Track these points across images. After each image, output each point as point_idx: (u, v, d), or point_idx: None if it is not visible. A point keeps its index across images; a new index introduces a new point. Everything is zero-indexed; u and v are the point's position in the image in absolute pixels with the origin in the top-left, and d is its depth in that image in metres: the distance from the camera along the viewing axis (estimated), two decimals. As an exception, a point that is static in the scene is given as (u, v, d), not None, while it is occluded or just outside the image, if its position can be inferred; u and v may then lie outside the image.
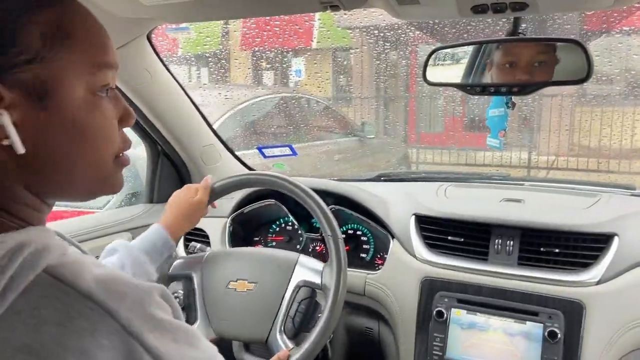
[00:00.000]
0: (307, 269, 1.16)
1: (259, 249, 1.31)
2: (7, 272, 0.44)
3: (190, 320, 1.19)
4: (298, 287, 1.14)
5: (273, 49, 7.32)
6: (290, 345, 1.09)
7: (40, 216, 0.56)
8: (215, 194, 1.25)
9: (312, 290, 1.14)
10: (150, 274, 1.04)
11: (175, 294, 1.21)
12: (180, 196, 1.20)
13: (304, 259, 1.19)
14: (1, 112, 0.48)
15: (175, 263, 1.24)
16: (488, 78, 1.17)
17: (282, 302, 1.13)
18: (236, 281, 1.18)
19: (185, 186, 1.23)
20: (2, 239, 0.46)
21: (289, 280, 1.15)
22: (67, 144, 0.53)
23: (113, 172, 0.58)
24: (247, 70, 7.58)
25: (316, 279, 1.14)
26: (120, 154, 0.59)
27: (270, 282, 1.16)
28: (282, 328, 1.12)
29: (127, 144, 0.60)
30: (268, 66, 7.61)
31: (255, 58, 7.52)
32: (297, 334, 1.12)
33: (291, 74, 7.61)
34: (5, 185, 0.51)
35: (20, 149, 0.49)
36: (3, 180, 0.51)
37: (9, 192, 0.52)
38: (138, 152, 1.82)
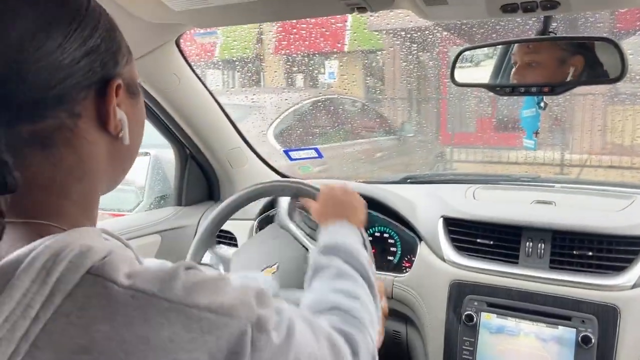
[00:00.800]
0: None
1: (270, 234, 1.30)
2: (53, 274, 0.45)
3: None
4: (292, 218, 1.21)
5: (306, 53, 7.42)
6: None
7: (92, 215, 0.58)
8: (212, 231, 1.23)
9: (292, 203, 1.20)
10: None
11: None
12: None
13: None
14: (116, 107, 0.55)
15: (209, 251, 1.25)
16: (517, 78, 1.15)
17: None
18: (262, 271, 1.18)
19: None
20: (47, 242, 0.47)
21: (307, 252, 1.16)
22: (139, 138, 0.62)
23: None
24: (282, 74, 7.71)
25: None
26: None
27: (288, 256, 1.17)
28: (314, 243, 1.14)
29: None
30: (302, 70, 7.73)
31: (289, 62, 7.64)
32: None
33: (323, 77, 7.71)
34: (94, 182, 0.56)
35: (127, 139, 0.57)
36: (97, 175, 0.56)
37: (88, 190, 0.56)
38: (166, 155, 1.85)
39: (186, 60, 1.47)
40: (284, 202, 1.23)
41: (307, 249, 1.17)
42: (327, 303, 0.73)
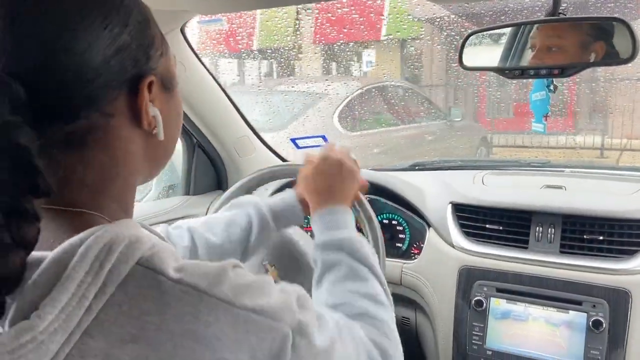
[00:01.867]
0: None
1: None
2: (105, 265, 0.45)
3: None
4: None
5: (344, 42, 7.49)
6: None
7: (129, 209, 0.59)
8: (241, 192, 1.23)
9: None
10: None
11: None
12: None
13: None
14: (150, 103, 0.54)
15: None
16: (527, 61, 1.13)
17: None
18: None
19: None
20: (98, 233, 0.47)
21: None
22: (177, 128, 0.62)
23: None
24: (322, 62, 7.80)
25: None
26: None
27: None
28: None
29: None
30: (342, 59, 7.80)
31: (328, 51, 7.71)
32: None
33: (361, 66, 7.79)
34: (135, 169, 0.56)
35: (162, 135, 0.56)
36: (134, 169, 0.56)
37: (132, 180, 0.57)
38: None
39: (192, 49, 1.46)
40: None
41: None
42: (355, 308, 0.72)
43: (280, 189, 1.57)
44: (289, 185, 1.52)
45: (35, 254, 0.45)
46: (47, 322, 0.42)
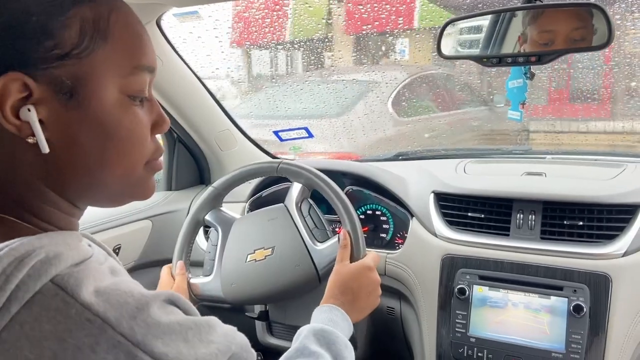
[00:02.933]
0: None
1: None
2: (12, 280, 0.42)
3: (205, 272, 1.24)
4: (299, 207, 1.22)
5: (376, 32, 7.45)
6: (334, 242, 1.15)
7: (70, 219, 0.54)
8: (219, 192, 1.27)
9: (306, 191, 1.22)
10: None
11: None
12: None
13: None
14: (28, 107, 0.47)
15: (212, 211, 1.27)
16: (507, 49, 1.13)
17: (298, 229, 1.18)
18: (253, 252, 1.19)
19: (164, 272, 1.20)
20: (13, 245, 0.44)
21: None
22: (96, 146, 0.51)
23: (143, 177, 0.56)
24: (351, 53, 7.76)
25: None
26: (153, 160, 0.57)
27: (284, 242, 1.18)
28: (315, 242, 1.17)
29: (159, 150, 0.58)
30: (376, 48, 7.76)
31: (364, 41, 7.67)
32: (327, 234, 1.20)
33: (395, 55, 7.78)
34: (30, 186, 0.50)
35: (45, 148, 0.48)
36: (29, 180, 0.50)
37: (34, 193, 0.50)
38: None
39: (169, 42, 1.44)
40: (296, 188, 1.22)
41: (304, 242, 1.17)
42: None
43: (262, 186, 1.57)
44: (273, 182, 1.52)
45: None
46: None
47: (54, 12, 0.48)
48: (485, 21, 1.18)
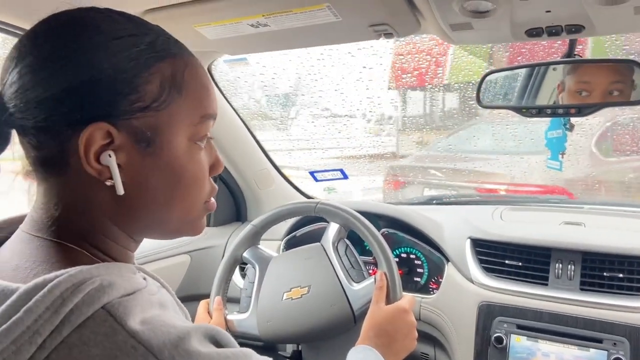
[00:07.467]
0: None
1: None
2: (67, 304, 0.44)
3: (241, 309, 1.25)
4: (335, 247, 1.23)
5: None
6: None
7: (127, 252, 0.58)
8: (258, 230, 1.30)
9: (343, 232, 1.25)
10: None
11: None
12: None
13: None
14: (109, 153, 0.51)
15: (250, 249, 1.29)
16: (542, 99, 1.16)
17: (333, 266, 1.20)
18: (290, 290, 1.20)
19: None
20: (72, 271, 0.46)
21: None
22: (165, 189, 0.55)
23: (199, 216, 0.61)
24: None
25: None
26: (208, 200, 0.62)
27: (320, 281, 1.20)
28: (351, 282, 1.18)
29: (214, 190, 0.63)
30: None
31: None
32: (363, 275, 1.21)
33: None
34: (98, 221, 0.54)
35: (121, 190, 0.52)
36: (98, 216, 0.54)
37: (100, 227, 0.54)
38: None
39: (217, 85, 1.52)
40: (333, 228, 1.25)
41: (340, 282, 1.18)
42: None
43: (301, 221, 1.59)
44: (308, 221, 1.55)
45: (8, 284, 0.46)
46: None
47: (140, 68, 0.52)
48: (521, 71, 1.21)
